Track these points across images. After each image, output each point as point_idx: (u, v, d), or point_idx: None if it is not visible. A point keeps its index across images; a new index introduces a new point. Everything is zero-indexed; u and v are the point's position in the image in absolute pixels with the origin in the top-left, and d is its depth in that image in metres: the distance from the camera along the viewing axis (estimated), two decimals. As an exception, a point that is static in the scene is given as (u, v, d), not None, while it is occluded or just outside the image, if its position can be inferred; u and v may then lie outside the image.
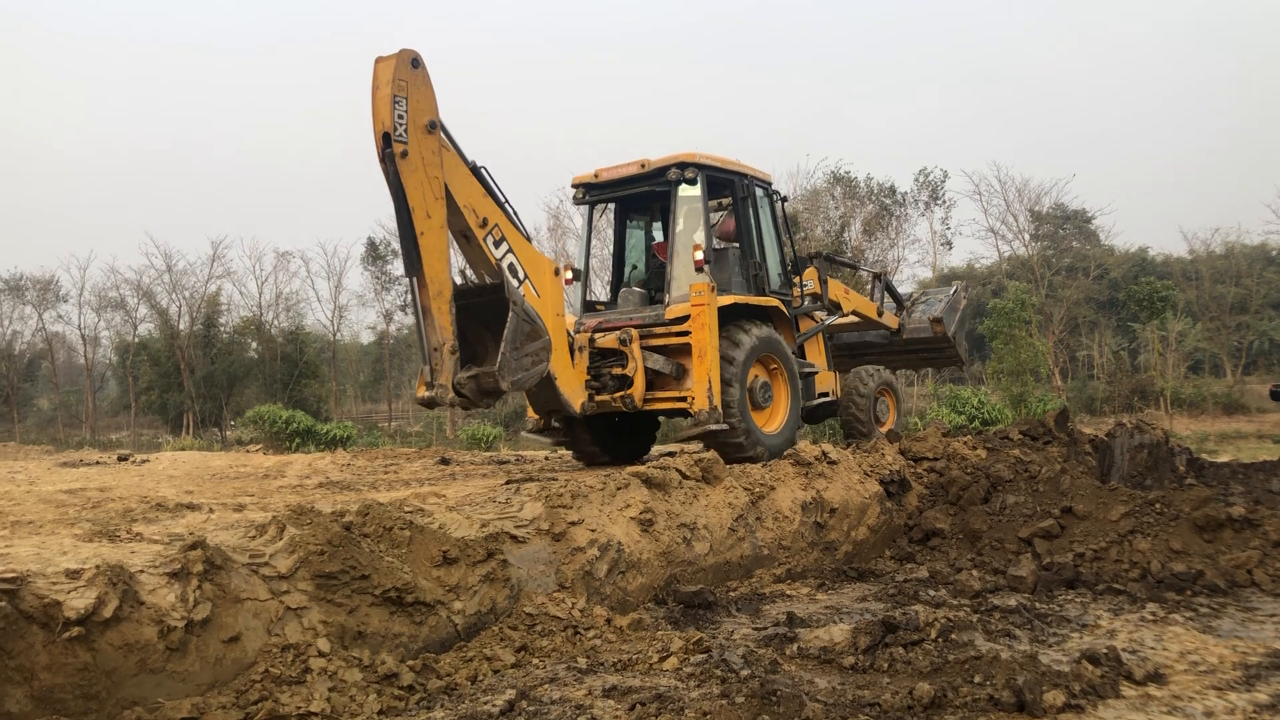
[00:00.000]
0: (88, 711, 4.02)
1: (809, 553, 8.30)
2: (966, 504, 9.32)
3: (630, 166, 11.40)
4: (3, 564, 5.17)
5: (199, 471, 12.84)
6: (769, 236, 11.99)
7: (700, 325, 10.25)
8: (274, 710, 4.34)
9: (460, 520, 6.17)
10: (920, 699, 4.47)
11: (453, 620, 5.50)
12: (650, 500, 7.30)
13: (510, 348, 8.41)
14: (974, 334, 42.31)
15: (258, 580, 4.82)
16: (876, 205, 34.66)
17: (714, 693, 4.58)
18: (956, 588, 7.22)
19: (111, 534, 6.72)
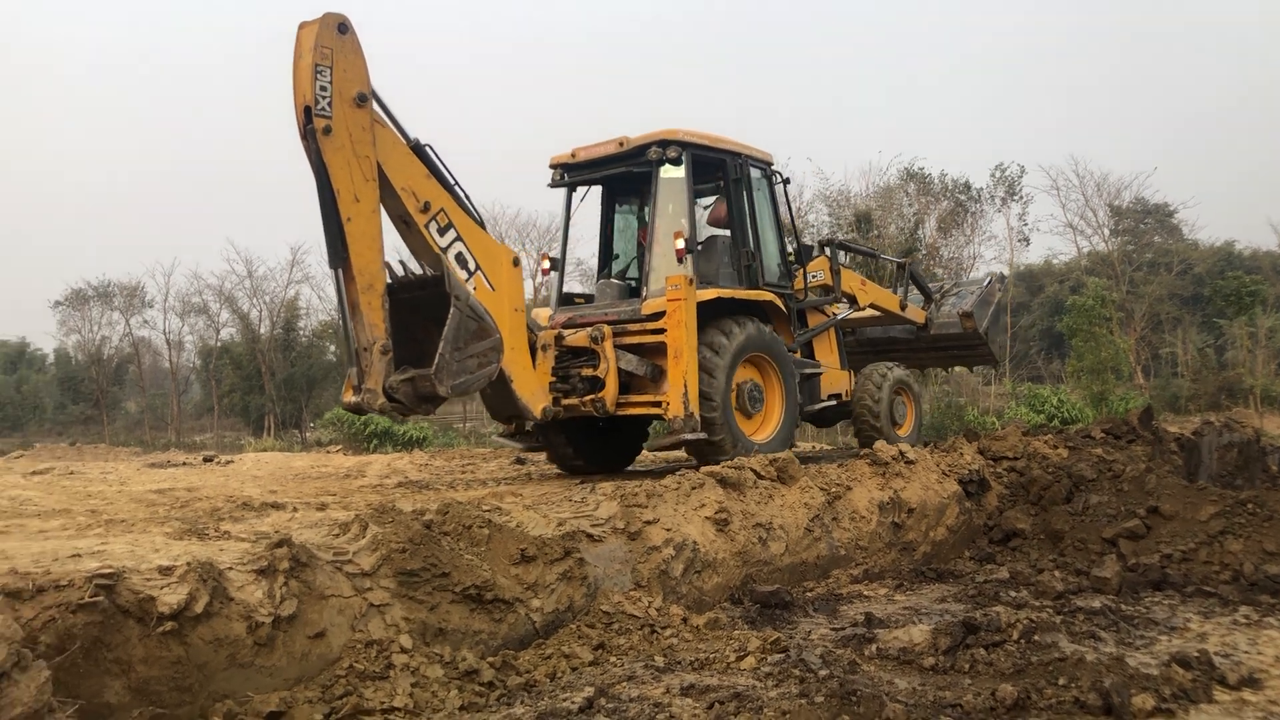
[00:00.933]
0: (181, 704, 4.13)
1: (886, 553, 8.22)
2: (1048, 504, 9.15)
3: (608, 145, 10.34)
4: (100, 561, 5.35)
5: (282, 471, 13.12)
6: (766, 223, 10.90)
7: (676, 323, 9.20)
8: (358, 705, 4.42)
9: (537, 519, 6.23)
10: (1003, 701, 4.41)
11: (531, 618, 5.55)
12: (725, 500, 7.29)
13: (451, 347, 7.64)
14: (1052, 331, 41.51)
15: (342, 577, 4.91)
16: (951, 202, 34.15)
17: (792, 692, 4.56)
18: (1038, 589, 7.09)
19: (200, 532, 6.90)
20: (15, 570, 4.04)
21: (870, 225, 30.27)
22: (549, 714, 4.46)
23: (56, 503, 9.64)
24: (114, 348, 57.14)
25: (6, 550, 5.91)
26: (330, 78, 7.43)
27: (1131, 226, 45.39)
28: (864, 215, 30.66)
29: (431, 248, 8.15)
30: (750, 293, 10.17)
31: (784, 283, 10.93)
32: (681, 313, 9.18)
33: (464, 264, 8.31)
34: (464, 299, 7.82)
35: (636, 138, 10.07)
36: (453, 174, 8.35)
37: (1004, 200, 35.92)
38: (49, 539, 6.61)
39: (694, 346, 9.22)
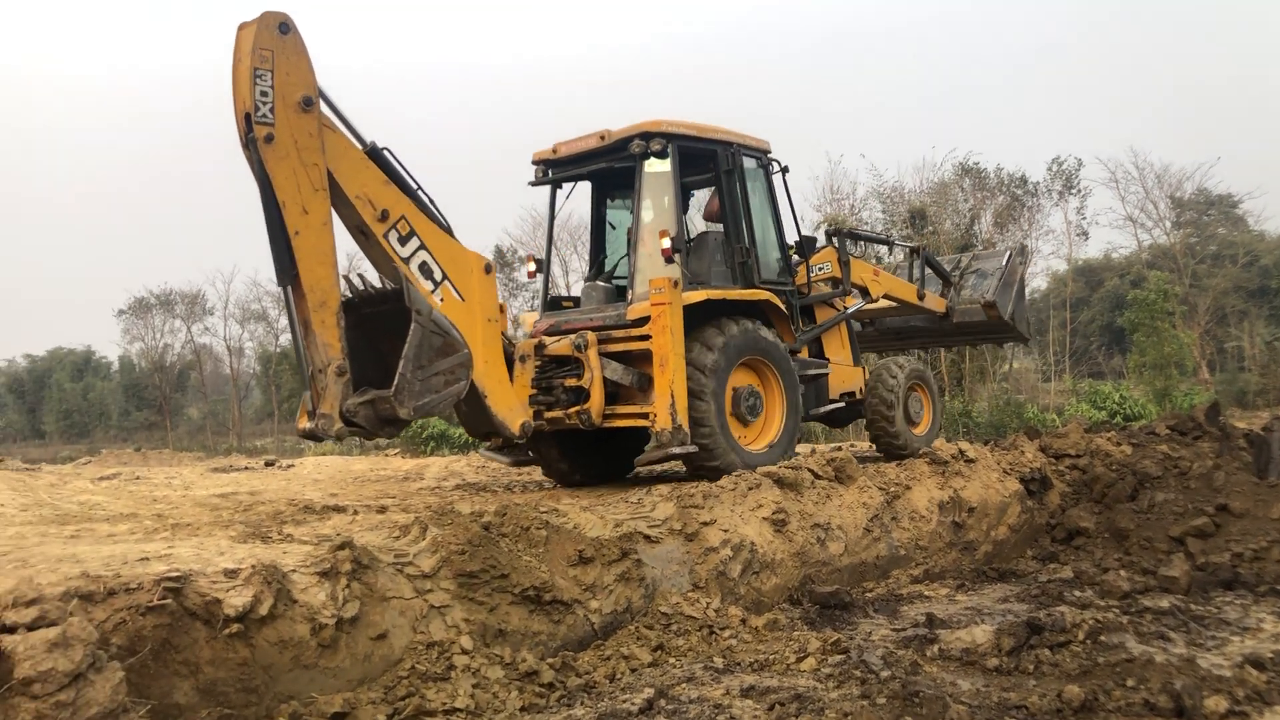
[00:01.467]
0: (248, 705, 4.19)
1: (947, 553, 8.13)
2: (1112, 502, 8.99)
3: (590, 139, 9.69)
4: (167, 564, 5.45)
5: (341, 475, 13.29)
6: (762, 217, 10.19)
7: (661, 328, 8.51)
8: (421, 706, 4.45)
9: (594, 520, 6.24)
10: (1070, 702, 4.34)
11: (589, 619, 5.56)
12: (783, 500, 7.25)
13: (412, 366, 7.13)
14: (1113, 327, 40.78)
15: (402, 579, 4.96)
16: (1007, 196, 33.69)
17: (854, 694, 4.52)
18: (1104, 588, 6.97)
19: (264, 535, 7.01)
20: (87, 574, 4.13)
21: (925, 221, 29.95)
22: (609, 715, 4.47)
23: (124, 507, 9.85)
24: (176, 355, 58.32)
25: (78, 554, 6.05)
26: (271, 81, 6.95)
27: (1194, 218, 44.47)
28: (918, 211, 30.35)
29: (392, 259, 7.62)
30: (745, 292, 9.50)
31: (784, 279, 10.29)
32: (666, 318, 8.53)
33: (429, 274, 7.77)
34: (426, 313, 7.32)
35: (619, 130, 9.49)
36: (415, 178, 7.86)
37: (1061, 194, 35.39)
38: (118, 543, 6.76)
39: (681, 354, 8.60)
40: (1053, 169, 34.96)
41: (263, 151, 6.90)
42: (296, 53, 7.09)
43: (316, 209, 7.09)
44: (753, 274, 9.67)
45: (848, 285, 11.19)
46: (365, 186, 7.48)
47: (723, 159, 9.70)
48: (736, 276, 9.64)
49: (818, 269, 10.97)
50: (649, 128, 9.24)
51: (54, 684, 3.15)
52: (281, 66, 6.98)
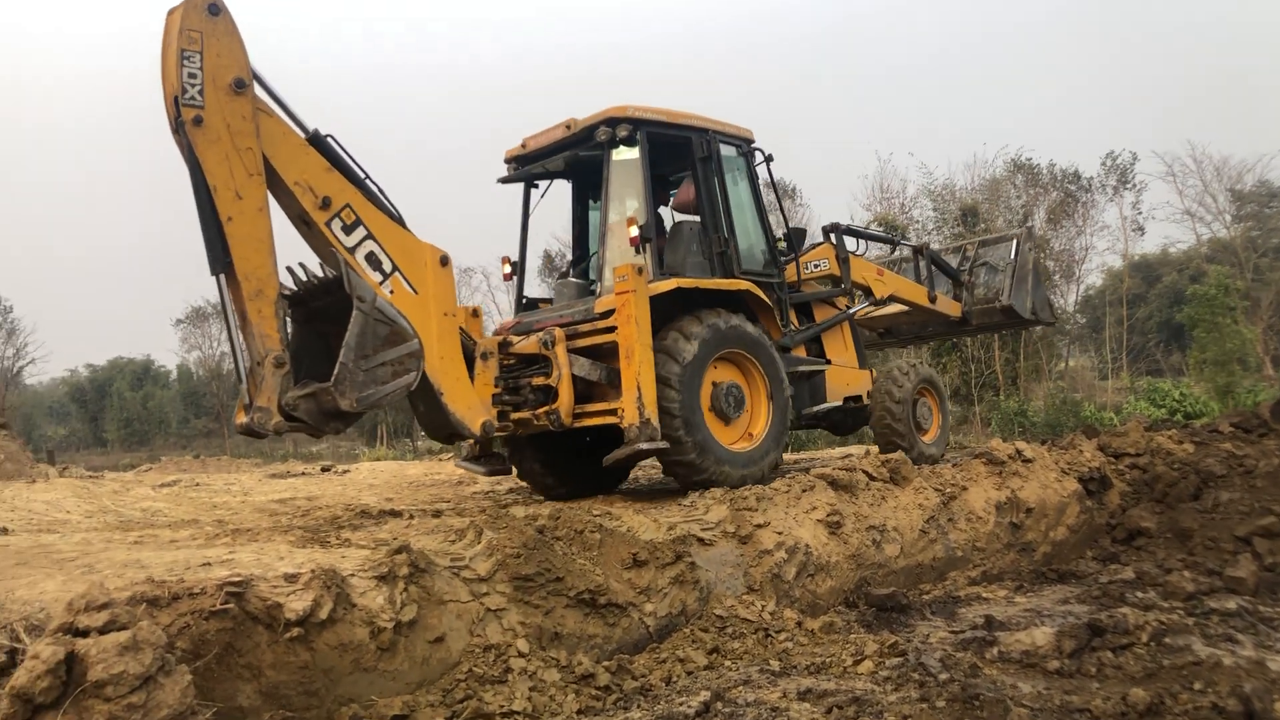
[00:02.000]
0: (309, 708, 4.25)
1: (1005, 554, 8.02)
2: (1174, 501, 8.82)
3: (555, 130, 9.31)
4: (229, 569, 5.54)
5: (396, 480, 13.42)
6: (742, 205, 9.73)
7: (626, 318, 8.08)
8: (478, 708, 4.48)
9: (647, 523, 6.25)
10: (1135, 706, 4.26)
11: (644, 622, 5.57)
12: (837, 502, 7.21)
13: (354, 355, 6.81)
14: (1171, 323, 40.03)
15: (459, 583, 5.00)
16: (1061, 192, 33.21)
17: (912, 696, 4.48)
18: (1167, 589, 6.83)
19: (322, 540, 7.10)
20: (152, 579, 4.20)
21: (977, 219, 29.62)
22: (665, 718, 4.47)
23: (185, 513, 10.04)
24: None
25: (142, 559, 6.17)
26: (200, 63, 6.69)
27: (1255, 211, 43.54)
28: (970, 209, 30.02)
29: (335, 248, 7.29)
30: (723, 282, 9.00)
31: (769, 271, 9.74)
32: (631, 306, 8.08)
33: (377, 265, 7.44)
34: (369, 300, 7.00)
35: (585, 118, 9.09)
36: (362, 167, 7.52)
37: (1116, 189, 34.80)
38: (180, 548, 6.88)
39: (647, 344, 8.11)
40: (1107, 163, 34.41)
41: (191, 135, 6.67)
42: (227, 34, 6.87)
43: (251, 194, 6.86)
44: (732, 265, 9.20)
45: (848, 284, 10.77)
46: (305, 173, 7.19)
47: (697, 146, 9.26)
48: (715, 268, 9.17)
49: (814, 266, 10.56)
50: (615, 114, 8.83)
51: (125, 686, 3.21)
52: (211, 48, 6.77)
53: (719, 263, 9.16)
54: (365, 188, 7.48)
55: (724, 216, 9.28)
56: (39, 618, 4.05)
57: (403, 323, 7.13)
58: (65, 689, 3.21)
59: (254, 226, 6.83)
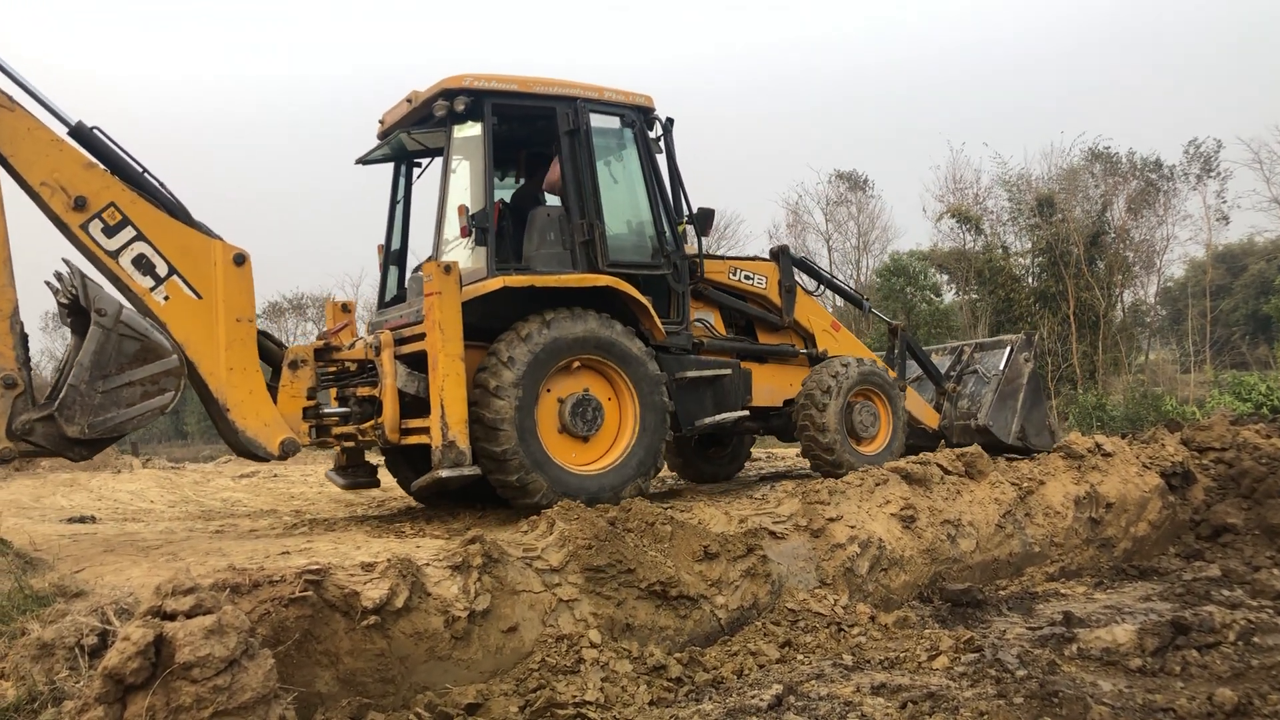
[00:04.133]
0: (385, 694, 4.31)
1: (1084, 550, 7.86)
2: (1262, 497, 8.56)
3: (400, 106, 8.24)
4: (307, 558, 5.66)
5: (468, 472, 13.55)
6: (626, 185, 8.53)
7: (431, 324, 7.05)
8: (551, 698, 4.51)
9: (718, 516, 6.23)
10: (1221, 706, 4.15)
11: (715, 614, 5.56)
12: (911, 496, 7.12)
13: (88, 376, 6.08)
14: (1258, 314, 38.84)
15: (531, 573, 5.03)
16: (1141, 181, 32.37)
17: (989, 693, 4.42)
18: (1255, 588, 6.65)
19: (397, 530, 7.21)
20: (234, 566, 4.30)
21: (1053, 209, 29.02)
22: (738, 710, 4.46)
23: (263, 504, 10.27)
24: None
25: (223, 548, 6.33)
26: None
27: (1348, 198, 42.07)
28: (1046, 199, 29.40)
29: (93, 252, 6.53)
30: (570, 278, 7.71)
31: (655, 261, 8.37)
32: (437, 311, 7.01)
33: (149, 269, 6.60)
34: (111, 313, 6.20)
35: (426, 90, 7.98)
36: (135, 158, 6.75)
37: (1199, 177, 33.83)
38: (259, 538, 7.04)
39: (454, 354, 7.00)
40: (1190, 151, 33.47)
41: None
42: None
43: None
44: (596, 255, 7.92)
45: (788, 318, 9.46)
46: (55, 171, 6.39)
47: (562, 118, 8.02)
48: (577, 259, 7.93)
49: (744, 275, 9.29)
50: (451, 84, 7.71)
51: (211, 669, 3.29)
52: None
53: (583, 253, 7.95)
54: (139, 182, 6.70)
55: (591, 199, 8.02)
56: (127, 602, 4.17)
57: (156, 336, 6.37)
58: (154, 670, 3.30)
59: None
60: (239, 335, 6.76)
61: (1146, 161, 32.75)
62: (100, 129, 6.65)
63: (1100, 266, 28.86)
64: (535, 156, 8.78)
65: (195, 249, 6.74)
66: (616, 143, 8.52)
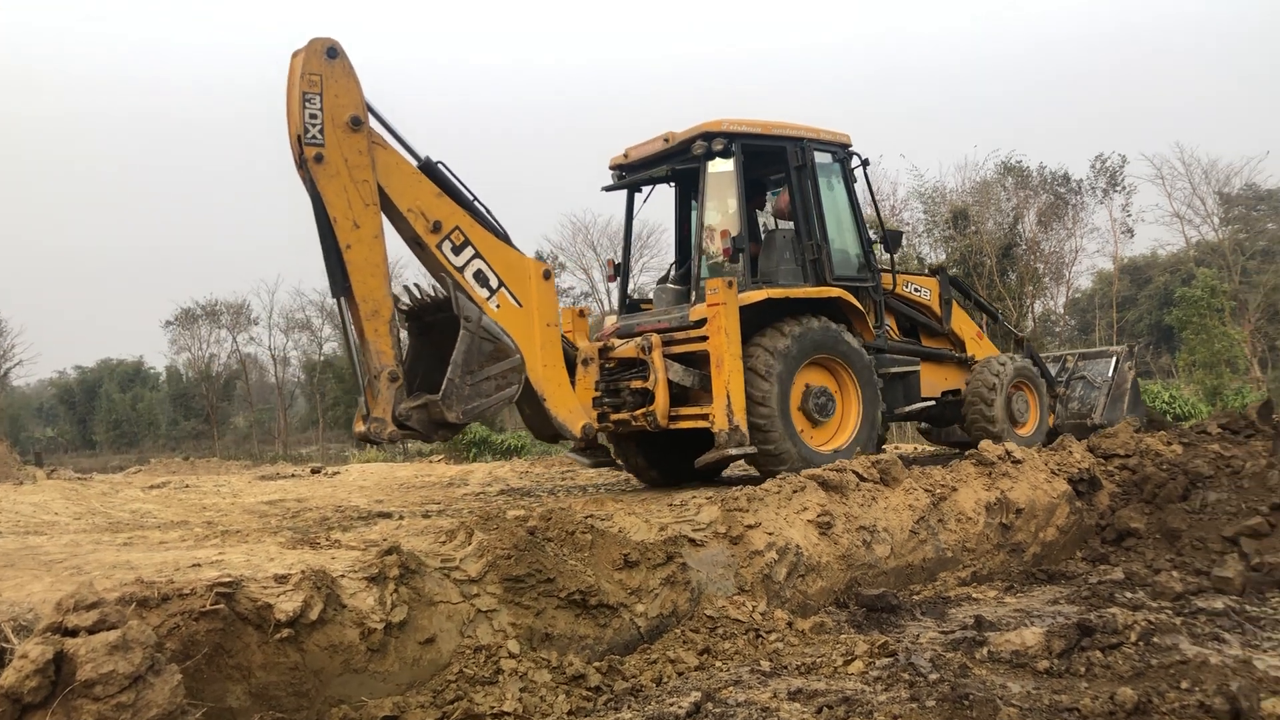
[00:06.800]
0: (299, 708, 4.24)
1: (995, 555, 8.04)
2: (1163, 502, 8.85)
3: (655, 142, 9.81)
4: (218, 570, 5.53)
5: (387, 481, 13.40)
6: (836, 211, 10.09)
7: (716, 329, 8.61)
8: (469, 710, 4.48)
9: (639, 524, 6.25)
10: (1123, 705, 4.27)
11: (635, 623, 5.57)
12: (827, 503, 7.21)
13: (461, 371, 7.37)
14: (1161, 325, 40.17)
15: (449, 584, 4.99)
16: (1051, 195, 33.32)
17: (902, 696, 4.49)
18: (1156, 589, 6.86)
19: (312, 541, 7.09)
20: (141, 579, 4.19)
21: (967, 221, 29.69)
22: (656, 718, 4.47)
23: (174, 515, 10.01)
24: (222, 365, 59.12)
25: (131, 560, 6.16)
26: (320, 104, 7.27)
27: (1243, 214, 43.77)
28: (960, 212, 30.09)
29: (445, 268, 7.85)
30: (812, 290, 9.43)
31: (864, 275, 10.19)
32: (721, 318, 8.60)
33: (484, 282, 7.98)
34: (475, 319, 7.55)
35: (682, 132, 9.52)
36: (469, 189, 8.09)
37: (1106, 191, 34.92)
38: (169, 550, 6.87)
39: (737, 354, 8.62)
40: (1096, 166, 34.52)
41: (314, 171, 7.21)
42: (344, 75, 7.38)
43: (367, 223, 7.36)
44: (824, 271, 9.62)
45: (946, 325, 11.13)
46: (417, 200, 7.69)
47: (792, 155, 9.64)
48: (808, 274, 9.60)
49: (914, 288, 10.94)
50: (710, 128, 9.25)
51: (115, 686, 3.20)
52: (330, 89, 7.29)
53: (812, 269, 9.57)
54: (473, 209, 8.04)
55: (817, 224, 9.65)
56: (27, 619, 4.05)
57: (506, 339, 7.71)
58: (54, 688, 3.20)
59: (370, 253, 7.37)
60: (550, 337, 8.22)
61: (1056, 175, 33.70)
62: (444, 163, 7.94)
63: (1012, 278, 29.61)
64: (754, 185, 10.04)
65: (516, 265, 8.20)
66: (830, 175, 10.09)
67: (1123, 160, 34.74)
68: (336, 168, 7.30)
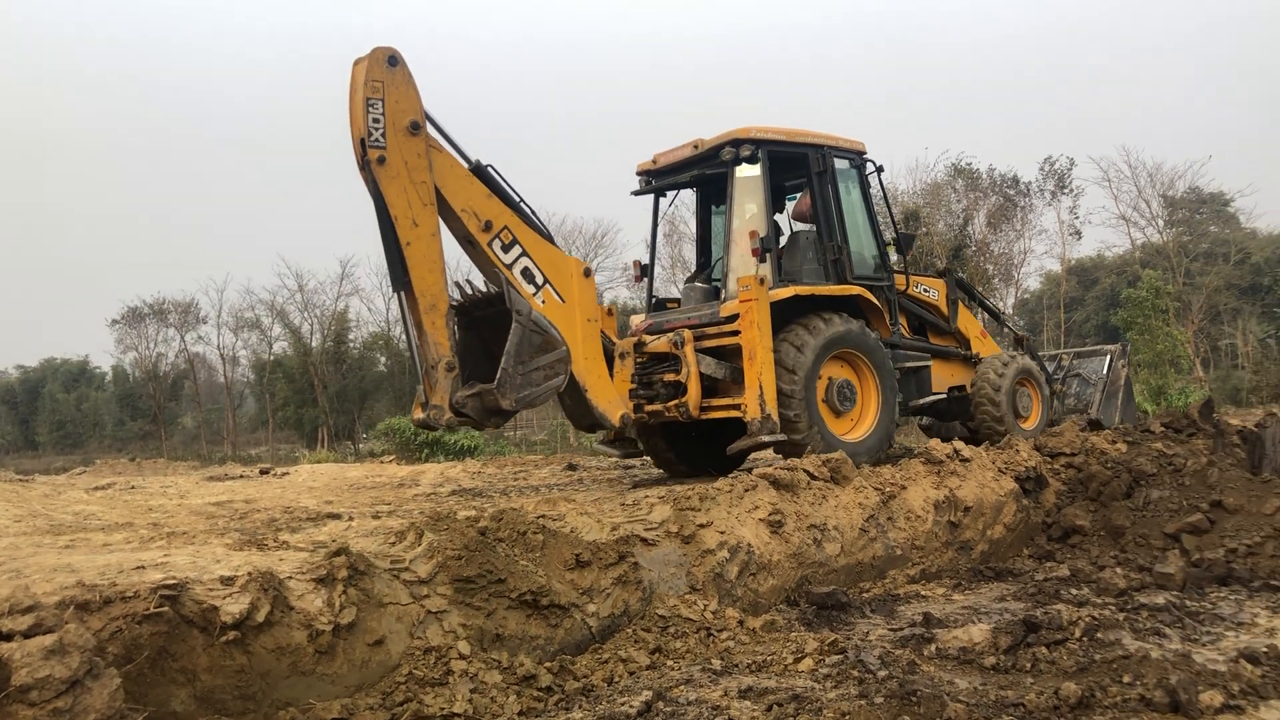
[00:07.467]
0: (245, 711, 4.19)
1: (943, 552, 8.12)
2: (1107, 500, 8.99)
3: (684, 149, 10.39)
4: (163, 572, 5.44)
5: (337, 482, 13.27)
6: (856, 215, 10.70)
7: (749, 323, 9.20)
8: (419, 711, 4.45)
9: (591, 524, 6.23)
10: (1067, 699, 4.34)
11: (587, 622, 5.56)
12: (779, 501, 7.25)
13: (513, 362, 7.84)
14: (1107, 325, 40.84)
15: (399, 585, 4.95)
16: (1000, 197, 33.76)
17: (851, 693, 4.52)
18: (1100, 586, 6.97)
19: (259, 543, 7.00)
20: (83, 583, 4.12)
21: (919, 223, 30.00)
22: (607, 718, 4.46)
23: (119, 517, 9.84)
24: (170, 364, 58.28)
25: (73, 563, 6.04)
26: (382, 109, 7.64)
27: (1186, 217, 44.66)
28: (912, 213, 30.39)
29: (496, 265, 8.29)
30: (836, 288, 10.03)
31: (880, 275, 10.77)
32: (754, 313, 9.17)
33: (531, 279, 8.45)
34: (525, 313, 7.97)
35: (711, 139, 10.04)
36: (516, 191, 8.51)
37: (1054, 194, 35.48)
38: (113, 552, 6.75)
39: (768, 347, 9.19)
40: (1045, 168, 35.05)
41: (376, 172, 7.64)
42: (404, 82, 7.82)
43: (425, 222, 7.81)
44: (845, 271, 10.16)
45: (953, 324, 11.65)
46: (470, 200, 8.18)
47: (814, 161, 10.17)
48: (829, 273, 10.13)
49: (922, 289, 11.43)
50: (739, 135, 9.81)
51: (51, 691, 3.14)
52: (391, 95, 7.71)
53: (833, 269, 10.13)
54: (520, 210, 8.50)
55: (838, 226, 10.22)
56: (-38, 623, 3.95)
57: (554, 332, 8.18)
58: (-11, 694, 3.14)
59: (428, 250, 7.83)
60: (590, 332, 8.75)
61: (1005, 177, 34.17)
62: (493, 166, 8.41)
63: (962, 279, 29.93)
64: (774, 190, 10.47)
65: (559, 263, 8.72)
66: (847, 180, 10.63)
67: (1071, 163, 35.36)
68: (397, 169, 7.70)
